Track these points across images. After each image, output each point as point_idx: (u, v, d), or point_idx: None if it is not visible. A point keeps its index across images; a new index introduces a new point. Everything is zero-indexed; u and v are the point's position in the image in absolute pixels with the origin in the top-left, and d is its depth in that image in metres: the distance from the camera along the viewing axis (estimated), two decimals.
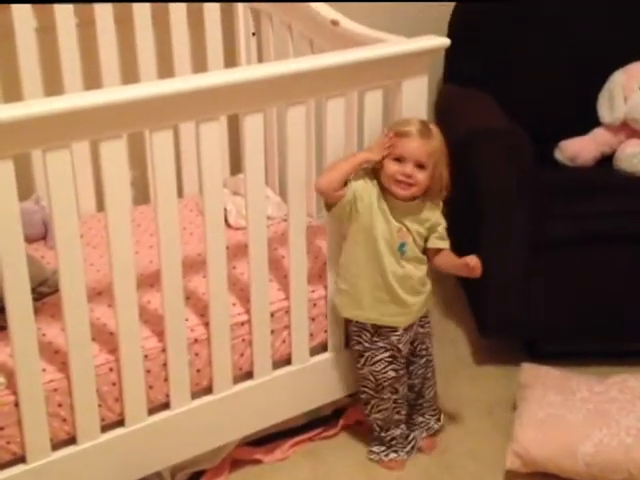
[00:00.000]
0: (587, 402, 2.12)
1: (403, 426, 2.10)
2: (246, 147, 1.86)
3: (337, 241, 2.03)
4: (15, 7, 2.19)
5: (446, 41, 1.99)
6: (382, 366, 2.03)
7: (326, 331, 2.11)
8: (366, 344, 2.04)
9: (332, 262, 2.05)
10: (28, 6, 2.21)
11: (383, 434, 2.09)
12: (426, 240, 2.00)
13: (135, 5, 2.33)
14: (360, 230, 1.94)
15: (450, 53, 2.19)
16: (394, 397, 2.06)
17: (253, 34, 2.53)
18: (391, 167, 1.91)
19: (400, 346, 2.03)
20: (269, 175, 2.49)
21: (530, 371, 2.28)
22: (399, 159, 1.90)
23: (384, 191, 1.94)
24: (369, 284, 1.98)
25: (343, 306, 2.03)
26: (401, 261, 1.96)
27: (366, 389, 2.08)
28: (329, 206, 1.96)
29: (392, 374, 2.04)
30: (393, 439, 2.09)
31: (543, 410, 2.11)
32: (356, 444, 2.17)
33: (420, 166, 1.90)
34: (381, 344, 2.02)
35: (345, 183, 1.91)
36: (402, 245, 1.96)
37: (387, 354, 2.03)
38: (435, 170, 1.92)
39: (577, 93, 2.69)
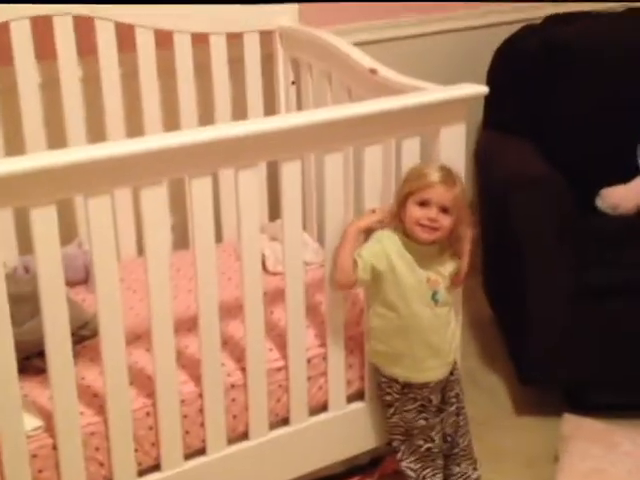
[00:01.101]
0: (631, 456, 2.07)
1: (440, 475, 2.06)
2: (283, 193, 1.87)
3: None
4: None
5: (484, 89, 1.99)
6: (412, 415, 2.01)
7: (363, 378, 2.10)
8: (396, 395, 2.02)
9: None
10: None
11: None
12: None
13: (177, 54, 2.39)
14: (388, 291, 1.93)
15: (489, 99, 2.19)
16: (428, 445, 2.03)
17: (293, 82, 2.56)
18: (415, 212, 1.89)
19: (431, 397, 2.01)
20: (307, 221, 2.51)
21: (572, 422, 2.24)
22: (423, 204, 1.89)
23: (406, 238, 1.92)
24: (406, 343, 1.96)
25: (382, 366, 2.02)
26: (435, 309, 1.95)
27: (396, 436, 2.05)
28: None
29: (422, 422, 2.02)
30: None
31: (585, 463, 2.07)
32: None
33: (444, 210, 1.90)
34: (411, 395, 2.00)
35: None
36: (435, 294, 1.94)
37: (417, 404, 2.01)
38: (458, 216, 1.91)
39: (618, 140, 2.67)
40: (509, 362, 2.52)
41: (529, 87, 2.71)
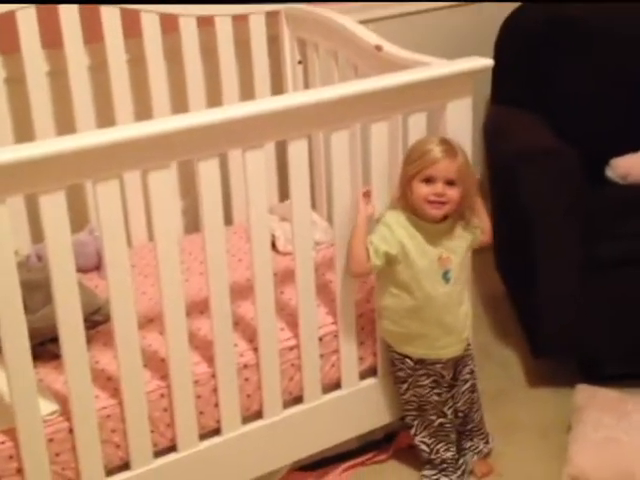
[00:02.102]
0: None
1: (453, 449, 2.08)
2: (292, 172, 1.88)
3: None
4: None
5: (489, 62, 1.98)
6: (425, 391, 2.03)
7: (375, 355, 2.11)
8: (409, 371, 2.03)
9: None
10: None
11: (433, 456, 2.07)
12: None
13: (184, 36, 2.39)
14: (401, 273, 1.93)
15: (497, 73, 2.17)
16: (441, 420, 2.05)
17: (299, 62, 2.56)
18: (421, 189, 1.89)
19: (444, 372, 2.03)
20: (317, 200, 2.51)
21: (585, 392, 2.24)
22: (428, 180, 1.89)
23: (415, 217, 1.92)
24: (420, 324, 1.97)
25: (394, 344, 2.04)
26: (447, 287, 1.95)
27: (410, 411, 2.07)
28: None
29: (436, 398, 2.03)
30: (443, 462, 2.07)
31: (599, 432, 2.08)
32: (408, 469, 2.15)
33: (450, 183, 1.89)
34: (424, 371, 2.02)
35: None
36: (446, 273, 1.94)
37: (430, 379, 2.02)
38: (465, 186, 1.91)
39: (627, 109, 2.66)
40: (522, 336, 2.53)
41: (534, 61, 2.69)
